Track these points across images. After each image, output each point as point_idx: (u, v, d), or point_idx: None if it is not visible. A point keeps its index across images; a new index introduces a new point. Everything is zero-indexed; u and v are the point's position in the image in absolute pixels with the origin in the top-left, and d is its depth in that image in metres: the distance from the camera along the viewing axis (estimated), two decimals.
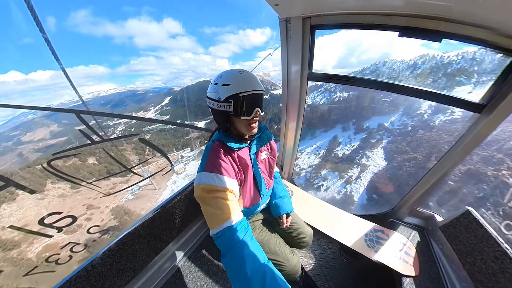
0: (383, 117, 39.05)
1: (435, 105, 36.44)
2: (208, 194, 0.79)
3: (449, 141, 25.90)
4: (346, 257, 1.45)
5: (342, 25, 1.08)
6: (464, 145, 1.09)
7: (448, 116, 33.96)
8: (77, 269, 0.93)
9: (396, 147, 30.13)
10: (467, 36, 0.91)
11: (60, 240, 23.76)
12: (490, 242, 1.00)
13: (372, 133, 35.25)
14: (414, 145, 29.19)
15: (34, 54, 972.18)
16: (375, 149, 31.32)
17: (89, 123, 1.32)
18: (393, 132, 34.50)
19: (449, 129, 29.36)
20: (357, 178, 26.49)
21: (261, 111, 0.86)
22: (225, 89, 0.81)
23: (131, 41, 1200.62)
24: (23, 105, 1.40)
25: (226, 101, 0.81)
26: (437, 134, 29.38)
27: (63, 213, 1.42)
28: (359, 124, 38.10)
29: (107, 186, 32.09)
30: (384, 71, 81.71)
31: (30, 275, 2.01)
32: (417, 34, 0.98)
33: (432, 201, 1.41)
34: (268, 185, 1.12)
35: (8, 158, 75.74)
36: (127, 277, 1.11)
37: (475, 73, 67.47)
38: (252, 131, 0.89)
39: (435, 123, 33.89)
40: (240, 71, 0.84)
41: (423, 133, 31.84)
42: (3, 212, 33.34)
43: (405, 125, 35.89)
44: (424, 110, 36.71)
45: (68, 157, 29.21)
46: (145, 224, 1.15)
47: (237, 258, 0.73)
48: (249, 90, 0.81)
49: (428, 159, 25.76)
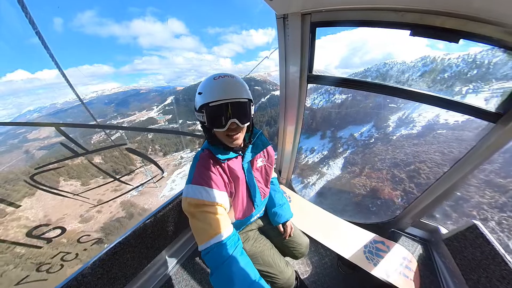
0: (357, 127, 39.03)
1: (400, 118, 36.06)
2: (195, 209, 0.74)
3: (387, 158, 25.60)
4: (344, 269, 1.40)
5: (347, 22, 0.97)
6: (477, 155, 1.01)
7: (408, 130, 33.67)
8: (67, 279, 0.91)
9: (353, 158, 30.62)
10: (486, 37, 0.80)
11: (76, 228, 30.42)
12: (497, 260, 0.95)
13: (342, 143, 35.49)
14: (366, 158, 29.63)
15: (41, 54, 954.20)
16: (338, 158, 31.79)
17: (94, 128, 1.26)
18: (358, 143, 34.61)
19: (399, 144, 29.35)
20: (312, 184, 27.64)
21: (240, 122, 0.75)
22: (199, 98, 0.75)
23: (135, 41, 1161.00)
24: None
25: (199, 111, 0.76)
26: (386, 148, 29.64)
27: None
28: (335, 132, 38.44)
29: (113, 183, 34.06)
30: (394, 73, 78.43)
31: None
32: (431, 33, 0.87)
33: (438, 212, 1.34)
34: (264, 194, 1.07)
35: (15, 155, 77.80)
36: (119, 285, 1.10)
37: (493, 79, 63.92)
38: (234, 142, 0.80)
39: (394, 136, 33.69)
40: (216, 76, 0.75)
41: (379, 146, 31.95)
42: (25, 205, 36.77)
43: (371, 136, 35.90)
44: (392, 121, 36.44)
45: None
46: (137, 233, 1.13)
47: (225, 276, 0.69)
48: (219, 99, 0.71)
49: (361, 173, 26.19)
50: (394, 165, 25.29)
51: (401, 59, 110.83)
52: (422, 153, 25.39)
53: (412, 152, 26.55)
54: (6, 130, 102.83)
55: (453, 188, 1.14)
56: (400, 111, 38.17)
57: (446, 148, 24.80)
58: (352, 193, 20.56)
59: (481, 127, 0.98)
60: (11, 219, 31.85)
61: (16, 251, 19.07)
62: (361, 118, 41.72)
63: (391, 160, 26.64)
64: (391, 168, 24.83)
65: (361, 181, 24.00)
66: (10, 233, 27.81)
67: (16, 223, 31.14)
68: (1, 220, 30.46)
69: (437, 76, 72.62)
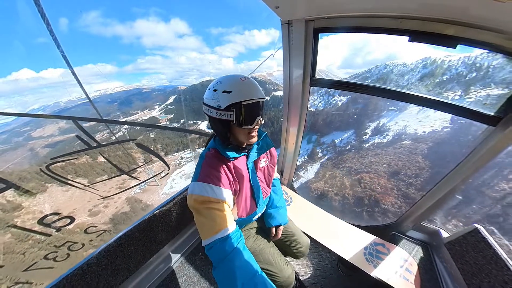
0: (340, 133, 38.88)
1: (376, 127, 35.88)
2: (200, 205, 0.77)
3: (346, 166, 25.88)
4: (344, 270, 1.40)
5: (348, 28, 1.01)
6: (477, 159, 1.02)
7: (381, 139, 33.40)
8: (73, 268, 0.95)
9: (326, 164, 30.80)
10: (485, 43, 0.83)
11: (86, 221, 34.74)
12: (499, 265, 0.94)
13: (323, 148, 35.36)
14: (334, 164, 29.59)
15: (46, 53, 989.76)
16: (315, 163, 31.86)
17: (105, 123, 1.32)
18: (336, 149, 34.48)
19: (365, 153, 29.14)
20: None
21: (262, 119, 0.83)
22: (226, 97, 0.76)
23: (138, 41, 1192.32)
24: (21, 113, 1.42)
25: (227, 109, 0.77)
26: (353, 156, 29.49)
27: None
28: (321, 137, 38.48)
29: (117, 182, 38.14)
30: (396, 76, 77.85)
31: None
32: (429, 39, 0.91)
33: (439, 215, 1.34)
34: (265, 193, 1.09)
35: (20, 152, 79.71)
36: (122, 277, 1.12)
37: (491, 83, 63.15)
38: (251, 140, 0.86)
39: (367, 144, 33.43)
40: (242, 77, 0.80)
41: (350, 154, 31.75)
42: (38, 200, 40.43)
43: (348, 143, 35.72)
44: (370, 129, 36.20)
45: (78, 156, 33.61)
46: (141, 226, 1.16)
47: (228, 270, 0.71)
48: (252, 98, 0.77)
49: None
50: (348, 173, 25.53)
51: (403, 60, 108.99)
52: (373, 163, 25.75)
53: (367, 162, 26.64)
54: (11, 128, 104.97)
55: (454, 191, 1.14)
56: (382, 118, 38.12)
57: (394, 160, 25.05)
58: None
59: (438, 139, 0.99)
60: (26, 212, 35.01)
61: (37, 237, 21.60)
62: (346, 125, 41.53)
63: (348, 169, 26.76)
64: (344, 176, 25.26)
65: (319, 185, 24.16)
66: (27, 224, 30.88)
67: (31, 216, 34.23)
68: (18, 214, 33.29)
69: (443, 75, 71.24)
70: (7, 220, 31.12)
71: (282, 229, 1.13)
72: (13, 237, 24.50)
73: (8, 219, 31.33)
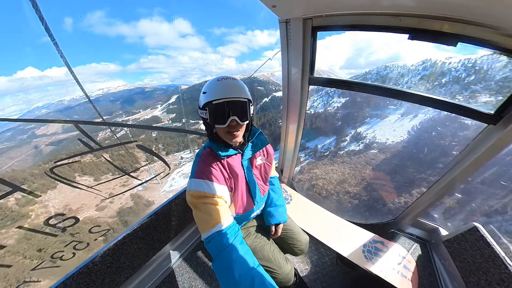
0: (324, 138, 38.53)
1: (353, 134, 35.33)
2: (197, 200, 0.80)
3: (313, 172, 25.87)
4: (343, 267, 1.42)
5: (346, 26, 1.00)
6: (476, 157, 1.02)
7: (356, 147, 33.14)
8: (79, 266, 0.98)
9: (304, 168, 31.20)
10: (486, 41, 0.82)
11: (94, 215, 36.76)
12: (497, 263, 0.95)
13: (306, 153, 34.94)
14: (308, 170, 29.65)
15: (50, 52, 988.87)
16: (297, 167, 32.36)
17: (106, 126, 1.35)
18: (316, 155, 34.04)
19: (335, 160, 28.84)
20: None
21: (240, 120, 0.81)
22: (203, 97, 0.82)
23: (142, 41, 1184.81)
24: (27, 119, 1.44)
25: (203, 108, 0.82)
26: (324, 163, 29.25)
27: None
28: (307, 141, 38.13)
29: (121, 180, 39.18)
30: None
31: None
32: (429, 37, 0.90)
33: (438, 213, 1.34)
34: (263, 191, 1.10)
35: (24, 150, 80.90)
36: (126, 275, 1.16)
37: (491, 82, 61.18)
38: (233, 140, 0.86)
39: (342, 151, 33.04)
40: (219, 78, 0.83)
41: (324, 160, 31.43)
42: (49, 196, 43.15)
43: (328, 149, 35.43)
44: (349, 136, 35.80)
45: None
46: (144, 226, 1.18)
47: (225, 262, 0.74)
48: (222, 97, 0.78)
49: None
50: (310, 179, 25.58)
51: (407, 58, 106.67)
52: (330, 171, 25.40)
53: (329, 169, 26.52)
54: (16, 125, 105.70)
55: (453, 189, 1.14)
56: (364, 125, 37.94)
57: (351, 169, 24.81)
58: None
59: (396, 149, 0.97)
60: (40, 207, 37.87)
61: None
62: (330, 130, 41.35)
63: (312, 175, 26.84)
64: (346, 173, 24.93)
65: (320, 183, 24.15)
66: (40, 218, 32.99)
67: (44, 209, 37.24)
68: (32, 208, 35.56)
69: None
70: (23, 213, 32.62)
71: (281, 227, 1.15)
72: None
73: (24, 212, 33.05)
